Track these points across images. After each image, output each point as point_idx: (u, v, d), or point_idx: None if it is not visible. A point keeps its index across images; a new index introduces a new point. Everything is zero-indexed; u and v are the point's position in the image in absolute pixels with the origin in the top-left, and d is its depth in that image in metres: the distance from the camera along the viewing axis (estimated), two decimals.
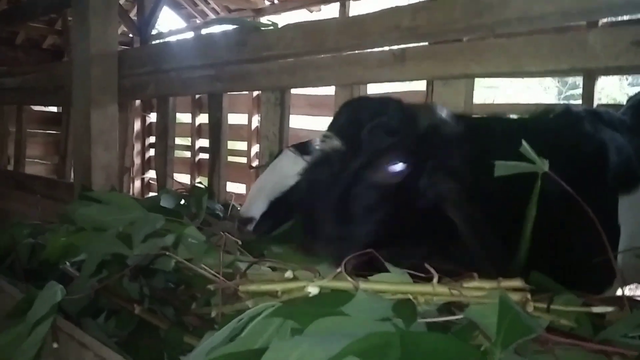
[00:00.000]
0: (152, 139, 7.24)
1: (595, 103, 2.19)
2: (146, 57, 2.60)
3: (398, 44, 1.67)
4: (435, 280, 0.97)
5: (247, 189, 5.74)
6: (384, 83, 1.78)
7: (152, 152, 7.25)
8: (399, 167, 1.17)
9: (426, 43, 1.64)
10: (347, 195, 1.18)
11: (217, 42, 2.21)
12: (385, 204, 1.19)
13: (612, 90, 10.92)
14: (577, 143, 1.28)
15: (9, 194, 3.70)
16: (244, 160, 6.09)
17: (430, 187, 1.18)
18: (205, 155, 6.48)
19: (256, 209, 2.05)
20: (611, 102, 6.52)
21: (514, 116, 1.44)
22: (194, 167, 6.47)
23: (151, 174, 7.30)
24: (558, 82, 13.39)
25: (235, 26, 2.25)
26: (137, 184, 6.92)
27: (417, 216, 1.20)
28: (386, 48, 1.69)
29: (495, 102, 6.77)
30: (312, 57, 1.88)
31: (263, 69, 2.03)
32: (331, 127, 1.29)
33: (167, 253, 1.36)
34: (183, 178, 6.03)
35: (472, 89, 1.64)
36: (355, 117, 1.25)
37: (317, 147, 1.28)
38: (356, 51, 1.77)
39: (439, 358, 0.77)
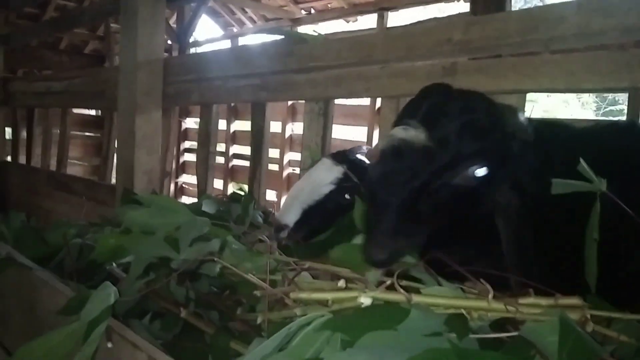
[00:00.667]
0: (187, 144, 7.36)
1: None
2: (191, 65, 2.65)
3: (449, 58, 1.66)
4: (490, 295, 0.96)
5: (279, 196, 5.77)
6: None
7: (186, 156, 7.37)
8: (482, 172, 1.10)
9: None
10: (421, 193, 1.10)
11: (263, 52, 2.23)
12: (456, 207, 1.13)
13: None
14: None
15: (52, 194, 3.80)
16: (276, 167, 6.12)
17: (494, 195, 1.14)
18: (239, 162, 6.58)
19: (290, 216, 2.05)
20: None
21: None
22: (227, 173, 6.54)
23: (184, 178, 7.41)
24: (597, 97, 13.12)
25: (280, 36, 2.28)
26: (171, 187, 7.03)
27: (476, 223, 1.16)
28: (436, 61, 1.68)
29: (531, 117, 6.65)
30: (359, 67, 1.89)
31: (309, 80, 2.04)
32: (410, 112, 1.18)
33: (215, 259, 1.38)
34: (217, 184, 6.10)
35: (524, 105, 1.62)
36: (440, 109, 1.14)
37: (394, 134, 1.15)
38: (405, 63, 1.76)
39: None
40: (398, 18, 6.22)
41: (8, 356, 1.55)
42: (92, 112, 7.39)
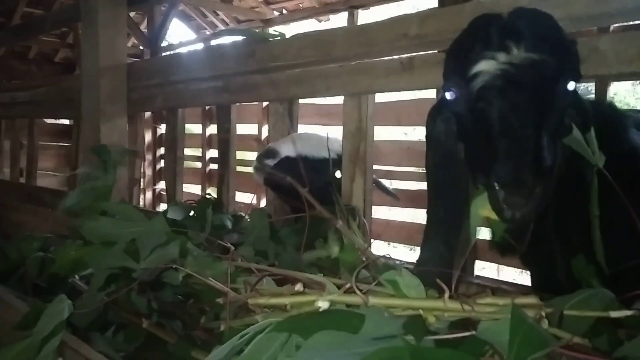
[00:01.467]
0: (162, 150, 7.28)
1: None
2: (154, 69, 2.61)
3: (406, 53, 1.65)
4: (446, 295, 0.95)
5: (259, 198, 5.73)
6: (392, 92, 1.75)
7: (162, 163, 7.29)
8: (572, 86, 1.04)
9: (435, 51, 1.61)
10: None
11: (225, 54, 2.21)
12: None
13: (625, 95, 10.79)
14: None
15: (21, 207, 3.72)
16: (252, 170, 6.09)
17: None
18: (216, 166, 6.53)
19: (286, 149, 2.03)
20: (625, 107, 6.45)
21: None
22: (205, 178, 6.47)
23: (162, 185, 7.33)
24: None
25: (243, 37, 2.25)
26: (149, 195, 6.95)
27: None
28: (394, 57, 1.67)
29: None
30: (320, 67, 1.87)
31: (271, 80, 2.02)
32: (480, 42, 1.07)
33: (175, 266, 1.35)
34: (194, 189, 6.03)
35: None
36: (522, 27, 1.04)
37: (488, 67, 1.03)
38: (364, 60, 1.75)
39: None
40: (370, 16, 6.22)
41: None
42: (65, 122, 7.27)
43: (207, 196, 2.41)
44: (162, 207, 6.85)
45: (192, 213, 2.16)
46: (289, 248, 1.78)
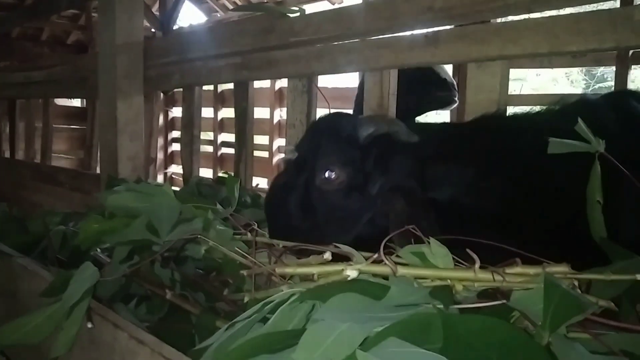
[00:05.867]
0: (174, 134, 7.29)
1: None
2: (171, 46, 2.59)
3: (431, 27, 1.63)
4: (477, 265, 0.94)
5: (269, 183, 5.72)
6: (416, 66, 1.73)
7: (174, 146, 7.30)
8: (332, 175, 1.30)
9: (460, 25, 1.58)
10: (298, 199, 1.35)
11: (243, 30, 2.18)
12: (330, 208, 1.32)
13: None
14: None
15: (37, 187, 3.75)
16: (265, 154, 6.07)
17: (377, 196, 1.28)
18: (227, 150, 6.52)
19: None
20: None
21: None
22: (217, 161, 6.49)
23: (174, 168, 7.35)
24: (585, 75, 13.14)
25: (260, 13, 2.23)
26: (160, 178, 6.97)
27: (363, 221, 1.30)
28: (418, 30, 1.64)
29: (522, 94, 6.64)
30: (341, 42, 1.85)
31: (290, 56, 2.00)
32: (298, 142, 1.46)
33: (199, 236, 1.35)
34: (206, 172, 6.04)
35: (508, 72, 1.60)
36: (314, 132, 1.40)
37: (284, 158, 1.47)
38: (387, 34, 1.72)
39: (484, 339, 0.73)
40: None
41: None
42: (77, 104, 7.29)
43: (223, 175, 2.40)
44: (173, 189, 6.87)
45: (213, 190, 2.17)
46: None
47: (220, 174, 2.44)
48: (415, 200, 1.21)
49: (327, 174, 1.30)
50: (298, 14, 2.01)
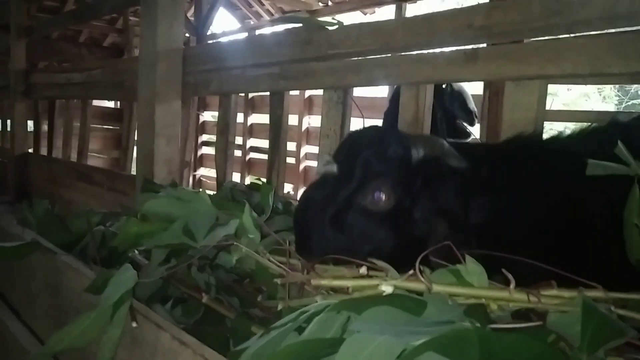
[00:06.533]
0: (204, 137, 7.41)
1: None
2: (210, 54, 2.65)
3: (470, 44, 1.64)
4: (512, 285, 0.95)
5: (295, 189, 5.77)
6: (454, 82, 1.74)
7: (204, 149, 7.41)
8: (384, 195, 1.27)
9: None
10: (336, 216, 1.31)
11: (281, 41, 2.23)
12: (370, 229, 1.29)
13: None
14: None
15: (72, 185, 3.86)
16: (293, 160, 6.13)
17: (421, 220, 1.26)
18: (256, 155, 6.60)
19: None
20: None
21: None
22: (245, 166, 6.56)
23: (202, 171, 7.46)
24: (618, 91, 12.88)
25: (297, 25, 2.27)
26: (190, 180, 7.08)
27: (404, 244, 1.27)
28: (457, 47, 1.66)
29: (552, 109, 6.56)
30: (378, 54, 1.87)
31: (328, 68, 2.03)
32: (334, 153, 1.41)
33: (235, 243, 1.38)
34: (234, 177, 6.12)
35: (546, 91, 1.60)
36: (354, 145, 1.36)
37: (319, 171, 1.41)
38: (425, 50, 1.74)
39: (520, 357, 0.74)
40: (416, 10, 6.17)
41: (35, 338, 1.58)
42: (111, 105, 7.47)
43: (255, 182, 2.44)
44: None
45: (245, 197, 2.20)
46: None
47: (253, 180, 2.48)
48: (458, 227, 1.21)
49: (376, 195, 1.27)
50: (336, 26, 2.04)
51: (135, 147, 4.81)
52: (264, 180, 2.47)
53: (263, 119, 6.57)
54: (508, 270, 0.93)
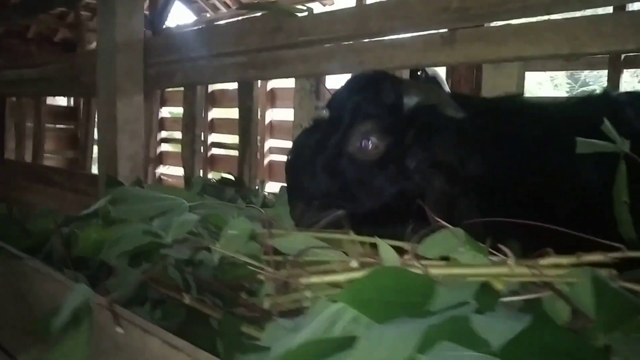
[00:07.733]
0: (163, 134, 7.20)
1: None
2: (173, 45, 2.55)
3: (445, 27, 1.62)
4: (511, 259, 0.92)
5: (260, 184, 5.67)
6: (431, 67, 1.71)
7: (163, 146, 7.21)
8: (371, 142, 1.19)
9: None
10: (326, 162, 1.23)
11: (250, 28, 2.15)
12: (360, 177, 1.22)
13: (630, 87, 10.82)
14: None
15: (29, 187, 3.67)
16: (257, 155, 6.02)
17: (415, 171, 1.20)
18: (218, 151, 6.46)
19: None
20: None
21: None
22: (207, 162, 6.42)
23: (161, 169, 7.26)
24: (569, 79, 13.32)
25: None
26: (154, 177, 6.88)
27: (392, 196, 1.21)
28: (434, 30, 1.63)
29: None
30: (352, 40, 1.83)
31: (299, 55, 1.98)
32: (329, 100, 1.34)
33: (212, 247, 1.32)
34: (198, 173, 5.99)
35: (524, 73, 1.59)
36: (347, 91, 1.28)
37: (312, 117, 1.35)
38: (401, 35, 1.71)
39: (534, 341, 0.71)
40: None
41: (4, 354, 1.48)
42: (64, 103, 7.17)
43: (226, 176, 2.37)
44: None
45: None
46: None
47: (223, 175, 2.41)
48: (456, 179, 1.15)
49: (364, 142, 1.19)
50: (306, 13, 1.99)
51: (95, 146, 4.62)
52: (229, 175, 2.40)
53: (224, 113, 6.43)
54: (510, 231, 0.90)
